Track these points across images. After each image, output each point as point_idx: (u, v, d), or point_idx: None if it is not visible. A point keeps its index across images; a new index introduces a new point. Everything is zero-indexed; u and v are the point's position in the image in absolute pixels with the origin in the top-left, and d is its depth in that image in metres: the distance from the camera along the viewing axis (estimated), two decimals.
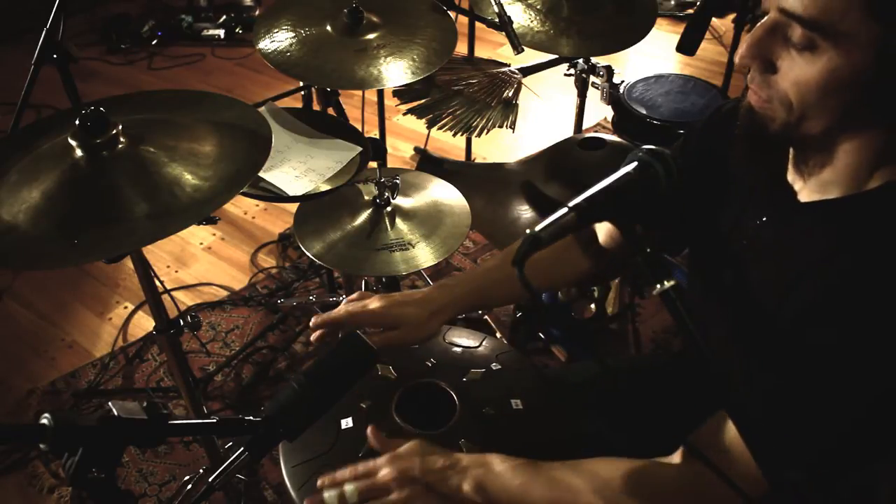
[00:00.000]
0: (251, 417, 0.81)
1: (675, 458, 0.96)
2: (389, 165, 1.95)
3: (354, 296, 1.14)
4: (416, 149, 2.11)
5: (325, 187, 1.51)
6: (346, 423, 1.11)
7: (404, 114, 1.82)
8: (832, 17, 0.73)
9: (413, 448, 0.99)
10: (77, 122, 1.09)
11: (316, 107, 1.91)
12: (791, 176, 0.91)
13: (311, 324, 1.11)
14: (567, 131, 2.31)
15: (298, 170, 1.55)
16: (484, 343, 1.28)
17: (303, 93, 1.94)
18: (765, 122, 0.84)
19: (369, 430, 1.05)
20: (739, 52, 0.82)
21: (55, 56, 1.61)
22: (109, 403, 0.73)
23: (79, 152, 1.10)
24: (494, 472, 0.96)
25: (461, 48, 1.78)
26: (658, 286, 0.76)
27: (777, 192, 0.92)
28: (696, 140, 1.08)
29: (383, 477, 0.96)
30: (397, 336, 1.08)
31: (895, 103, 0.75)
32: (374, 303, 1.10)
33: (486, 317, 2.24)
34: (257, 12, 4.16)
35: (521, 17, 1.84)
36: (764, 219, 0.93)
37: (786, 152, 0.91)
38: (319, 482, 0.98)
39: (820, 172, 0.86)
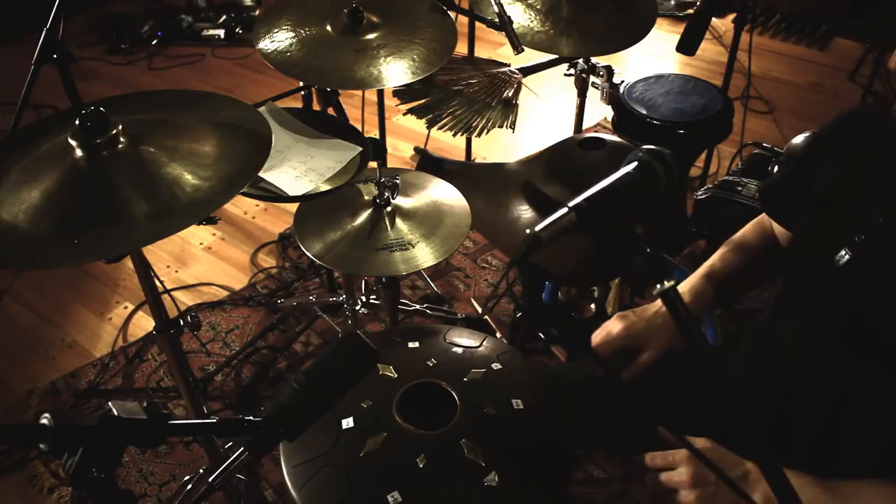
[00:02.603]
0: (251, 417, 0.81)
1: None
2: (389, 165, 1.95)
3: (602, 333, 1.21)
4: (416, 149, 2.11)
5: (325, 187, 1.51)
6: (347, 422, 1.11)
7: (404, 114, 1.82)
8: None
9: (708, 450, 0.98)
10: (77, 122, 1.09)
11: (316, 107, 1.91)
12: None
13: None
14: (567, 131, 2.31)
15: (298, 170, 1.55)
16: (484, 343, 1.28)
17: (303, 93, 1.94)
18: None
19: (648, 456, 1.03)
20: (893, 58, 0.84)
21: (55, 56, 1.61)
22: (109, 403, 0.73)
23: (79, 152, 1.10)
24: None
25: (461, 48, 1.78)
26: (658, 286, 0.76)
27: None
28: (824, 138, 1.13)
29: (680, 475, 0.96)
30: (647, 360, 1.16)
31: None
32: (616, 328, 1.18)
33: (486, 317, 2.24)
34: (257, 12, 4.16)
35: (521, 17, 1.84)
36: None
37: None
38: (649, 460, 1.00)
39: None
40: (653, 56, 3.67)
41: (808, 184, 1.13)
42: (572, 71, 2.10)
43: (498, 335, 2.15)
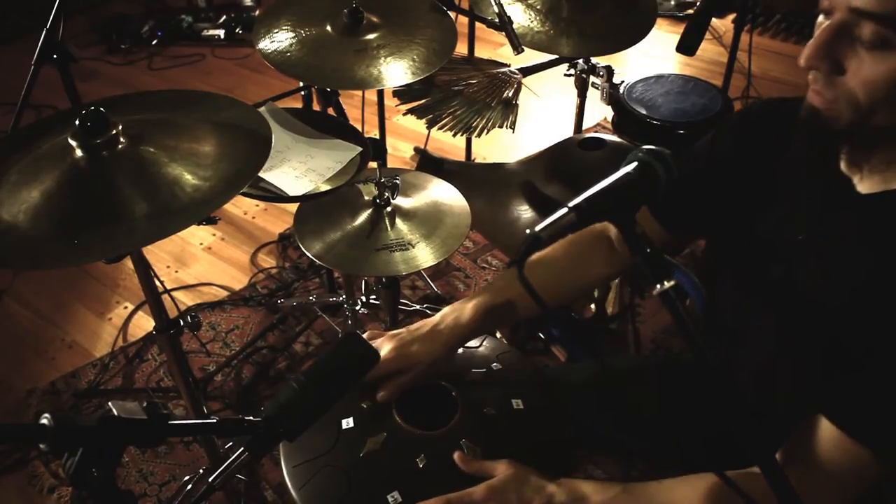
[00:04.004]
0: (251, 417, 0.81)
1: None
2: (389, 165, 1.95)
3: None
4: (416, 149, 2.10)
5: (325, 187, 1.51)
6: (347, 423, 1.11)
7: (404, 114, 1.82)
8: None
9: (508, 481, 0.95)
10: (77, 122, 1.09)
11: (316, 107, 1.91)
12: (847, 169, 0.91)
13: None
14: (567, 131, 2.31)
15: (298, 170, 1.55)
16: (484, 343, 1.28)
17: (303, 93, 1.94)
18: (829, 122, 0.84)
19: (457, 456, 1.01)
20: (804, 55, 0.81)
21: (55, 56, 1.61)
22: (109, 403, 0.73)
23: (79, 152, 1.10)
24: None
25: (461, 48, 1.78)
26: (658, 286, 0.75)
27: (831, 186, 0.92)
28: (729, 139, 1.08)
29: None
30: (409, 380, 1.09)
31: None
32: (383, 349, 1.09)
33: None
34: (257, 12, 4.16)
35: (521, 17, 1.84)
36: (822, 213, 0.93)
37: (840, 146, 0.91)
38: None
39: (884, 164, 0.86)
40: (653, 56, 3.67)
41: (712, 189, 1.07)
42: (572, 71, 2.10)
43: (498, 335, 2.15)
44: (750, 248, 1.04)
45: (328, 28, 1.61)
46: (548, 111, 3.33)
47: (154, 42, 4.01)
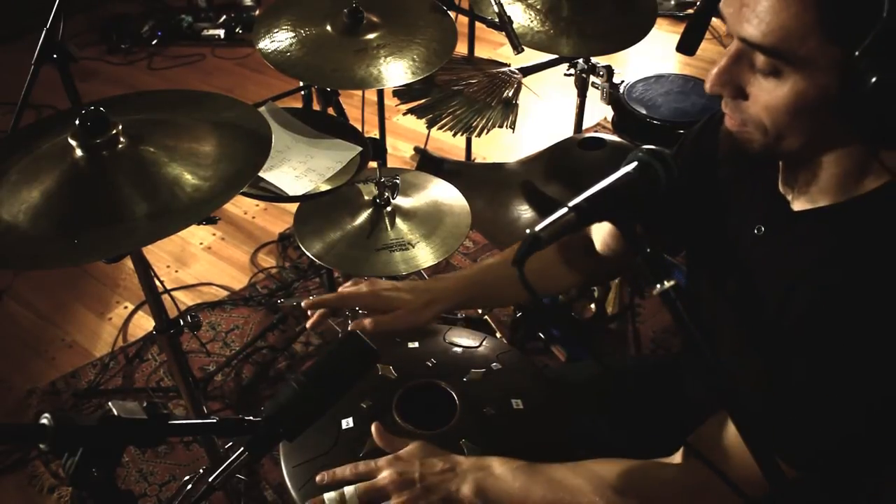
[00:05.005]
0: (251, 417, 0.81)
1: (676, 458, 0.96)
2: (389, 165, 1.95)
3: (348, 283, 1.17)
4: (416, 149, 2.10)
5: (325, 187, 1.52)
6: (347, 423, 1.11)
7: (404, 114, 1.82)
8: (791, 44, 0.73)
9: (414, 451, 1.00)
10: (77, 122, 1.09)
11: (316, 107, 1.91)
12: (782, 187, 0.92)
13: (303, 305, 1.13)
14: (567, 131, 2.31)
15: (298, 170, 1.55)
16: (484, 343, 1.28)
17: (303, 93, 1.94)
18: (744, 145, 0.85)
19: (374, 427, 1.05)
20: (708, 80, 0.82)
21: (55, 56, 1.61)
22: (109, 403, 0.73)
23: (79, 152, 1.10)
24: (494, 474, 0.96)
25: (461, 48, 1.78)
26: (658, 286, 0.75)
27: (771, 202, 0.93)
28: (692, 145, 1.08)
29: (382, 480, 0.96)
30: (390, 319, 1.10)
31: (865, 118, 0.75)
32: (366, 286, 1.13)
33: (486, 317, 2.24)
34: (257, 12, 4.16)
35: (521, 17, 1.84)
36: (762, 229, 0.94)
37: (775, 164, 0.92)
38: (319, 478, 1.00)
39: (808, 183, 0.87)
40: (653, 56, 3.66)
41: (672, 201, 1.06)
42: (572, 71, 2.10)
43: (498, 335, 2.15)
44: (709, 258, 1.05)
45: (328, 28, 1.61)
46: (548, 111, 3.33)
47: (154, 42, 4.00)
